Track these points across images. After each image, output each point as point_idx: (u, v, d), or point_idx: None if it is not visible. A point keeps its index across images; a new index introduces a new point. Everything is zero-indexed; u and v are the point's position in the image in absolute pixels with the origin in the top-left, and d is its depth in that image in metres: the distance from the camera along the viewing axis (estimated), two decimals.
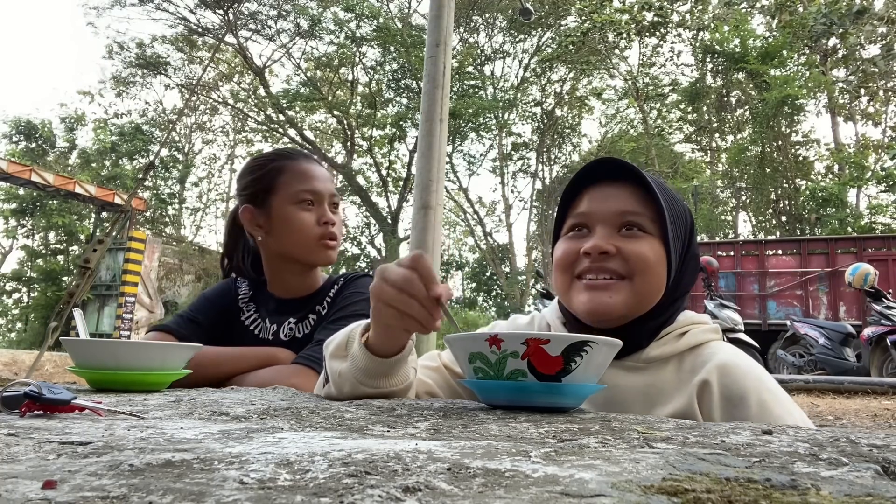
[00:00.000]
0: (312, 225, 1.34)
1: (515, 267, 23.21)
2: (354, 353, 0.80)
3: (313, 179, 1.36)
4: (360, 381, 0.79)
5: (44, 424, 0.54)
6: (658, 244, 0.88)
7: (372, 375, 0.79)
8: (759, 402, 0.81)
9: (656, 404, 0.86)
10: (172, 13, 19.73)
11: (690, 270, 0.95)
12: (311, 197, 1.35)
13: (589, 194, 0.92)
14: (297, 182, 1.35)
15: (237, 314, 1.44)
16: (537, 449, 0.43)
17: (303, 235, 1.34)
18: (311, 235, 1.34)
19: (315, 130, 24.64)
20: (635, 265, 0.86)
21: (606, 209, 0.89)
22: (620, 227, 0.89)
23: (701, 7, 20.45)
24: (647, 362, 0.89)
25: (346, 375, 0.80)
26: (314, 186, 1.35)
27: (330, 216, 1.35)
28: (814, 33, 16.97)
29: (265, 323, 1.40)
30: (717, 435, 0.50)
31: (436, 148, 6.34)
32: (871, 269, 6.95)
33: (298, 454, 0.39)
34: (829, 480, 0.34)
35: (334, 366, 0.83)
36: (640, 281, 0.86)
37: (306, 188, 1.35)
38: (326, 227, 1.35)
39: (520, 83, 22.21)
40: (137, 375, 0.88)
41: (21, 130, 24.67)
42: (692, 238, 0.95)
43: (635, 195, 0.89)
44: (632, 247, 0.87)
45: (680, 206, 0.93)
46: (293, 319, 1.37)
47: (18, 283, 25.07)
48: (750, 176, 18.71)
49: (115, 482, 0.32)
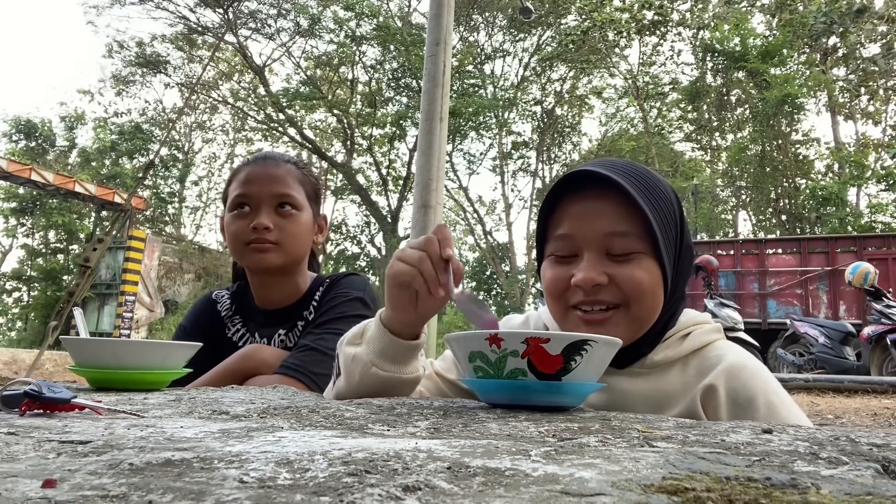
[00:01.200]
0: (241, 231, 1.28)
1: (515, 266, 23.21)
2: (372, 336, 0.82)
3: (249, 183, 1.30)
4: (374, 364, 0.81)
5: (44, 423, 0.54)
6: (651, 262, 0.83)
7: (388, 358, 0.81)
8: (766, 404, 0.80)
9: (662, 409, 0.85)
10: (172, 12, 19.73)
11: (685, 267, 0.90)
12: (244, 201, 1.29)
13: (570, 210, 0.87)
14: (236, 188, 1.31)
15: (222, 330, 1.39)
16: (537, 448, 0.43)
17: (233, 243, 1.29)
18: (239, 242, 1.28)
19: (315, 129, 24.64)
20: (630, 293, 0.82)
21: (591, 231, 0.84)
22: (608, 250, 0.84)
23: (701, 6, 20.44)
24: (652, 367, 0.88)
25: (361, 358, 0.82)
26: (247, 190, 1.29)
27: (261, 220, 1.26)
28: (814, 32, 16.97)
29: (254, 337, 1.36)
30: (717, 434, 0.50)
31: (436, 147, 6.33)
32: (871, 268, 6.95)
33: (298, 453, 0.39)
34: (829, 479, 0.34)
35: (348, 351, 0.84)
36: (637, 307, 0.83)
37: (240, 192, 1.30)
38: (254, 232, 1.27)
39: (520, 82, 22.19)
40: (137, 374, 0.88)
41: (21, 129, 24.66)
42: (683, 231, 0.89)
43: (619, 207, 0.83)
44: (625, 273, 0.83)
45: (666, 204, 0.86)
46: (283, 330, 1.33)
47: (18, 282, 25.06)
48: (750, 175, 18.70)
49: (114, 481, 0.32)
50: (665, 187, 0.89)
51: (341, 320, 1.26)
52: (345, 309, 1.28)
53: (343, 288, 1.34)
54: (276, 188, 1.30)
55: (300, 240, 1.33)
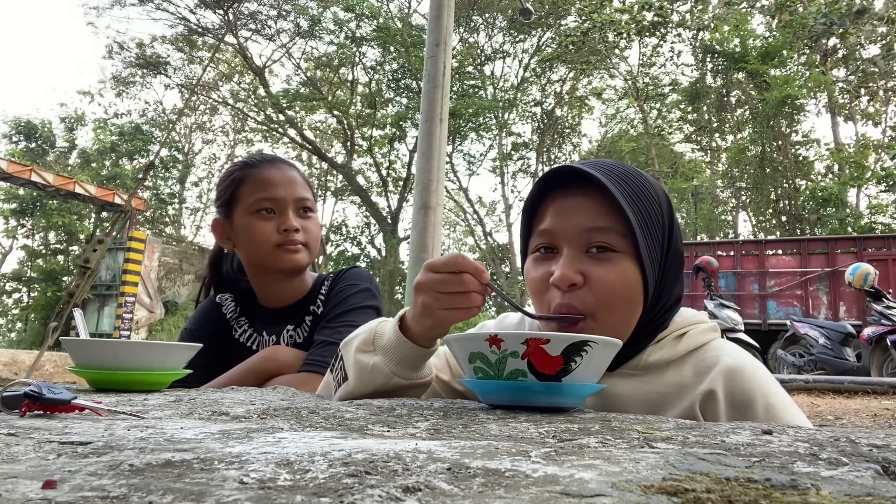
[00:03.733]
0: (270, 233, 1.30)
1: (515, 267, 23.20)
2: (390, 346, 0.82)
3: (273, 187, 1.32)
4: (395, 374, 0.81)
5: (44, 424, 0.54)
6: (630, 264, 0.82)
7: (407, 366, 0.81)
8: (765, 406, 0.79)
9: (657, 411, 0.83)
10: (172, 13, 19.74)
11: (673, 272, 0.88)
12: (269, 205, 1.31)
13: (554, 206, 0.86)
14: (255, 191, 1.32)
15: (228, 332, 1.40)
16: (537, 449, 0.43)
17: (261, 245, 1.30)
18: (268, 244, 1.30)
19: (315, 130, 24.65)
20: (602, 298, 0.81)
21: (571, 226, 0.83)
22: (588, 247, 0.83)
23: (701, 7, 20.44)
24: (646, 368, 0.86)
25: (381, 370, 0.82)
26: (273, 194, 1.31)
27: (291, 223, 1.31)
28: (814, 33, 16.97)
29: (262, 336, 1.37)
30: (717, 435, 0.50)
31: (436, 148, 6.34)
32: (871, 269, 6.95)
33: (298, 454, 0.39)
34: (829, 480, 0.34)
35: (363, 360, 0.83)
36: (606, 315, 0.81)
37: (264, 196, 1.31)
38: (287, 235, 1.30)
39: (520, 83, 22.20)
40: (137, 375, 0.88)
41: (21, 130, 24.66)
42: (672, 235, 0.87)
43: (603, 204, 0.82)
44: (600, 274, 0.81)
45: (651, 204, 0.84)
46: (290, 326, 1.35)
47: (18, 283, 25.06)
48: (750, 176, 18.70)
49: (115, 482, 0.32)
50: (654, 189, 0.87)
51: (353, 312, 1.30)
52: (355, 300, 1.32)
53: (349, 281, 1.37)
54: (298, 192, 1.35)
55: (319, 240, 1.39)
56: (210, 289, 1.51)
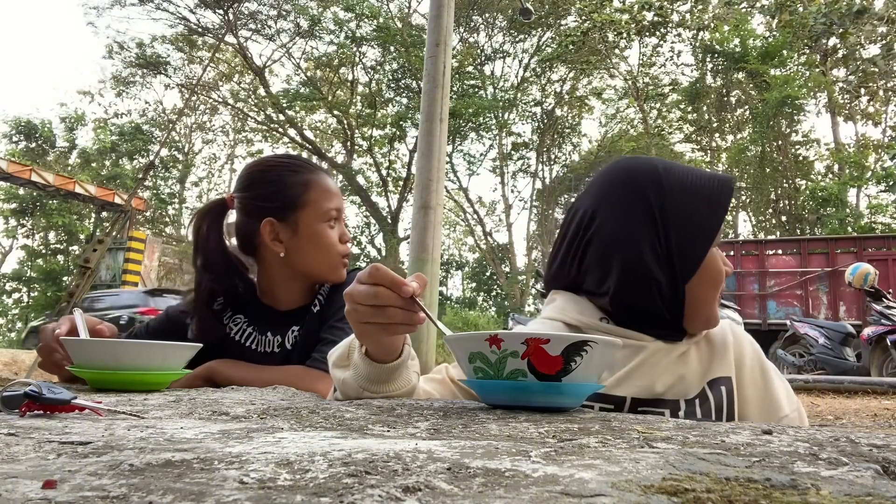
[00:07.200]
0: (336, 243, 1.33)
1: (515, 267, 23.21)
2: (356, 363, 0.82)
3: (336, 196, 1.35)
4: (364, 388, 0.82)
5: (44, 424, 0.54)
6: None
7: (375, 381, 0.81)
8: (770, 368, 0.97)
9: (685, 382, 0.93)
10: (172, 13, 19.72)
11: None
12: (336, 215, 1.34)
13: None
14: (325, 199, 1.32)
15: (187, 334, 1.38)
16: (537, 449, 0.43)
17: (329, 254, 1.32)
18: (335, 254, 1.33)
19: (315, 130, 24.65)
20: None
21: None
22: None
23: (701, 7, 20.44)
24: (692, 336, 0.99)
25: (350, 384, 0.82)
26: (339, 204, 1.35)
27: (347, 233, 1.36)
28: (814, 33, 16.97)
29: (265, 336, 1.35)
30: (717, 435, 0.50)
31: (436, 148, 6.34)
32: (871, 269, 6.95)
33: (298, 454, 0.39)
34: (829, 480, 0.34)
35: (338, 375, 0.85)
36: None
37: (334, 206, 1.33)
38: (346, 246, 1.35)
39: (520, 83, 22.19)
40: (137, 375, 0.88)
41: (21, 130, 24.67)
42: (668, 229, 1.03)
43: None
44: None
45: None
46: (296, 327, 1.34)
47: (18, 283, 25.08)
48: (750, 176, 18.70)
49: (115, 482, 0.32)
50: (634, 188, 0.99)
51: None
52: None
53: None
54: (343, 204, 1.39)
55: None
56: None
